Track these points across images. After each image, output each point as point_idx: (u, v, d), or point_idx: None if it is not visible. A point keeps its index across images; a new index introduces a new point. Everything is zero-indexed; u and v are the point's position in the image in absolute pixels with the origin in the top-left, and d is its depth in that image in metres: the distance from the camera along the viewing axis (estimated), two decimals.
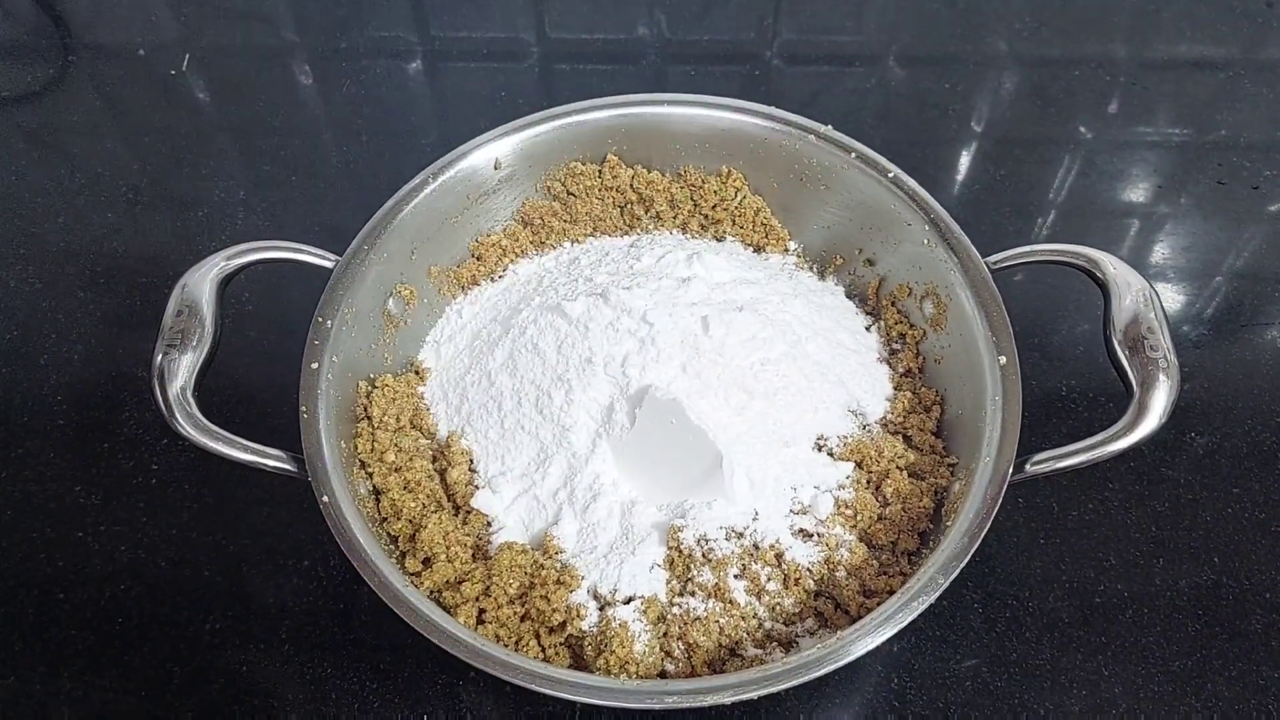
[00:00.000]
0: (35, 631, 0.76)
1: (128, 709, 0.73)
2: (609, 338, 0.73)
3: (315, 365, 0.71)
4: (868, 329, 0.84)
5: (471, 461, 0.75)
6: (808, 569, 0.68)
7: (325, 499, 0.64)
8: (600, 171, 0.88)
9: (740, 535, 0.69)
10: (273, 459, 0.66)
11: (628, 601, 0.66)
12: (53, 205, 1.06)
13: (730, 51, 1.23)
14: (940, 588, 0.60)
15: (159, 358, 0.66)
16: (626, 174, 0.88)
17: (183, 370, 0.66)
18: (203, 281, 0.70)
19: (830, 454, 0.74)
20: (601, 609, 0.66)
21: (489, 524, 0.72)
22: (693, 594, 0.66)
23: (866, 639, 0.58)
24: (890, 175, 0.80)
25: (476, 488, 0.74)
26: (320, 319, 0.73)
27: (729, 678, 0.58)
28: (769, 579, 0.67)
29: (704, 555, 0.67)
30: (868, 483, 0.73)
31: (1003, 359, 0.70)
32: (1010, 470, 0.64)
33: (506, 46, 1.23)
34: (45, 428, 0.87)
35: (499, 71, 1.20)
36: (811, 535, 0.70)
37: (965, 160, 1.09)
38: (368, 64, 1.21)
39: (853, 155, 0.82)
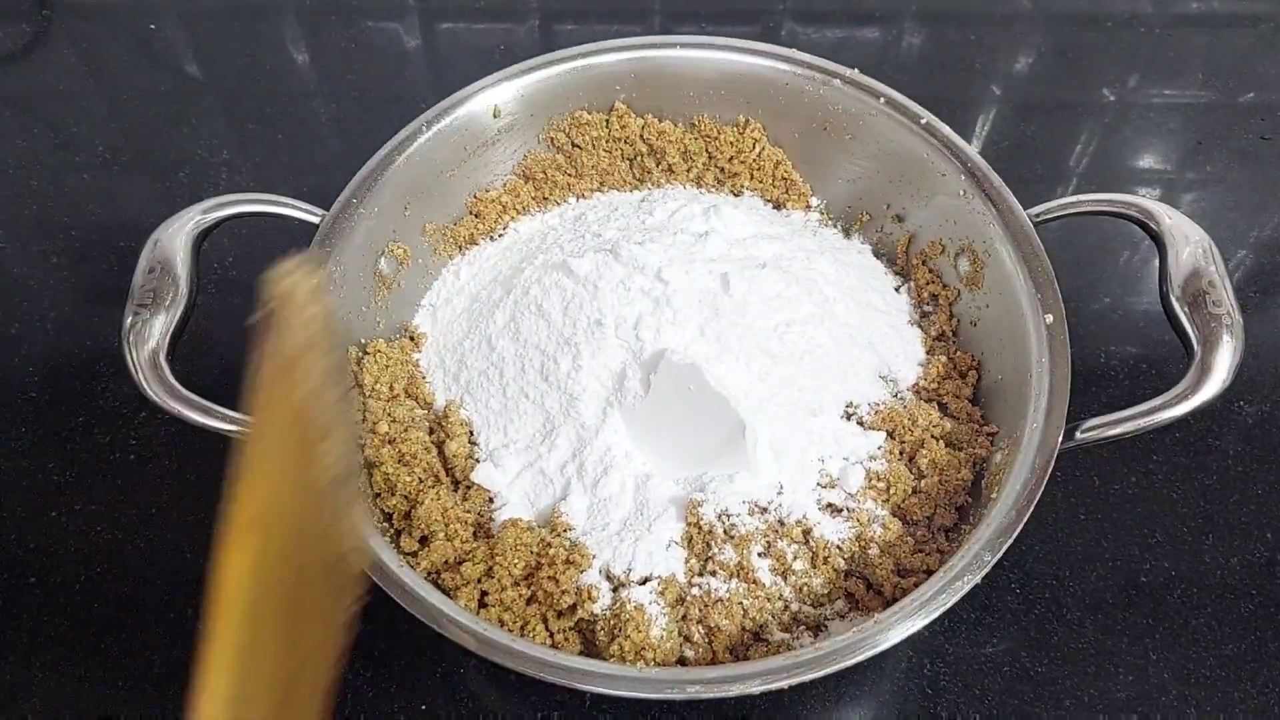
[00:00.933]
0: (5, 617, 0.72)
1: (104, 699, 0.68)
2: (620, 297, 0.68)
3: None
4: (897, 290, 0.79)
5: (471, 433, 0.70)
6: (837, 546, 0.63)
7: None
8: (608, 121, 0.83)
9: (764, 510, 0.64)
10: None
11: (643, 582, 0.61)
12: (26, 167, 1.00)
13: (740, 10, 1.18)
14: (987, 565, 0.55)
15: (129, 319, 0.62)
16: (636, 124, 0.83)
17: (155, 332, 0.61)
18: (176, 237, 0.65)
19: (860, 423, 0.69)
20: (615, 590, 0.61)
21: (491, 500, 0.68)
22: (713, 573, 0.61)
23: (906, 623, 0.54)
24: (923, 122, 0.75)
25: (477, 461, 0.69)
26: None
27: (755, 665, 0.54)
28: (795, 557, 0.62)
29: (725, 532, 0.62)
30: (901, 454, 0.68)
31: (1049, 317, 0.65)
32: (1061, 438, 0.59)
33: (505, 4, 1.18)
34: (16, 401, 0.83)
35: (497, 30, 1.15)
36: (841, 510, 0.65)
37: (992, 118, 1.04)
38: (359, 21, 1.15)
39: (881, 101, 0.76)
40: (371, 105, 1.07)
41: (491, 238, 0.82)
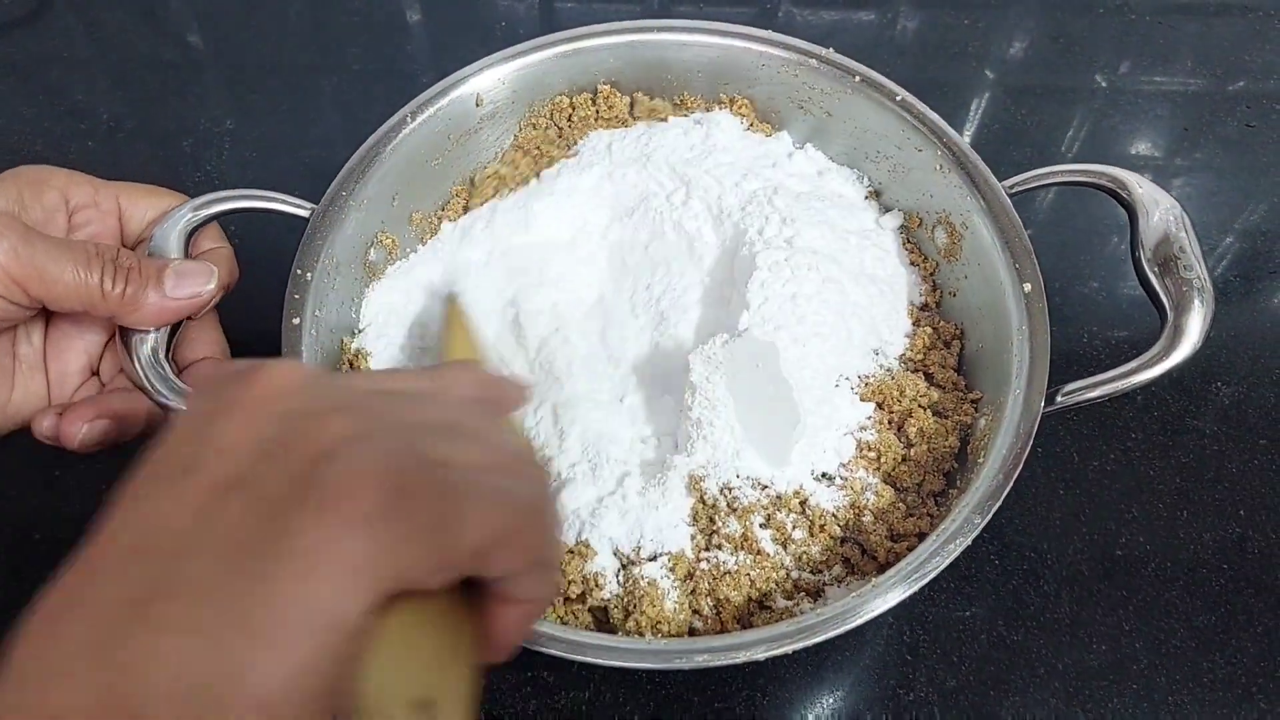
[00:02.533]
0: (8, 573, 0.73)
1: None
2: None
3: (296, 320, 0.66)
4: None
5: None
6: (833, 515, 0.64)
7: None
8: (594, 100, 0.83)
9: (764, 484, 0.65)
10: None
11: (653, 558, 0.62)
12: (30, 134, 1.01)
13: None
14: (977, 528, 0.57)
15: None
16: (623, 102, 0.83)
17: (153, 331, 0.61)
18: (169, 235, 0.64)
19: (851, 393, 0.70)
20: (624, 568, 0.62)
21: None
22: (719, 547, 0.62)
23: (903, 585, 0.55)
24: (898, 98, 0.75)
25: None
26: (299, 271, 0.68)
27: (761, 632, 0.54)
28: (795, 527, 0.63)
29: (729, 505, 0.63)
30: (890, 423, 0.69)
31: (1027, 286, 0.66)
32: (1043, 401, 0.61)
33: None
34: None
35: (499, 7, 1.15)
36: (834, 479, 0.66)
37: (985, 102, 1.05)
38: None
39: (856, 79, 0.77)
40: (373, 79, 1.07)
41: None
